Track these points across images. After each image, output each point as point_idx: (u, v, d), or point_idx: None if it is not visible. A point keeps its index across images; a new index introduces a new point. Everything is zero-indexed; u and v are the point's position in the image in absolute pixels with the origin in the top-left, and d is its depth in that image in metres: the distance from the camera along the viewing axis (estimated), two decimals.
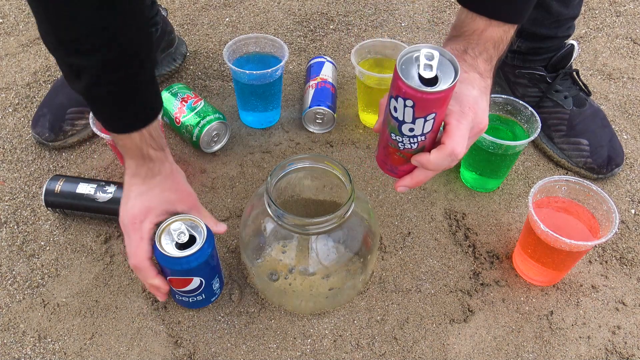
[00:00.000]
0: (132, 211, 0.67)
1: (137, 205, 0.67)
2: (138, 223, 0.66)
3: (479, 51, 0.59)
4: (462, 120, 0.55)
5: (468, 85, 0.58)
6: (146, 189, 0.68)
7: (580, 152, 0.93)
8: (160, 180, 0.68)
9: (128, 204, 0.67)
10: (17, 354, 0.71)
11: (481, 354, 0.71)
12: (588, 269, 0.81)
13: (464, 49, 0.59)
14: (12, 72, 1.12)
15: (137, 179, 0.68)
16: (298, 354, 0.71)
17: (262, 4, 1.32)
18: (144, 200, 0.67)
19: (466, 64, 0.59)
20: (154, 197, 0.68)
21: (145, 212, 0.67)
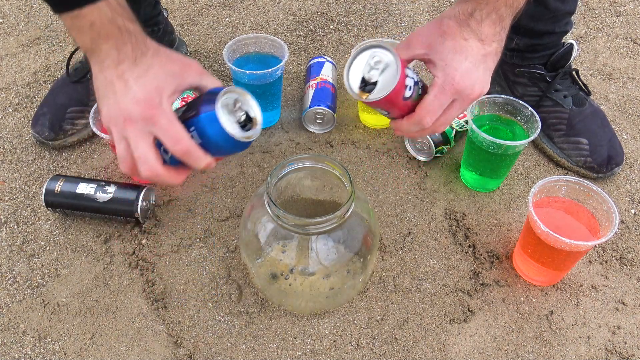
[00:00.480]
0: (140, 97, 0.54)
1: (143, 89, 0.54)
2: (157, 106, 0.54)
3: (487, 12, 0.59)
4: (439, 95, 0.60)
5: (461, 56, 0.59)
6: (143, 70, 0.55)
7: (580, 151, 0.93)
8: (153, 56, 0.56)
9: (129, 93, 0.54)
10: (17, 354, 0.71)
11: (481, 354, 0.71)
12: (588, 269, 0.81)
13: (470, 12, 0.59)
14: (12, 72, 1.12)
15: (125, 63, 0.54)
16: (298, 354, 0.71)
17: (262, 4, 1.32)
18: (147, 81, 0.55)
19: (468, 29, 0.59)
20: (158, 74, 0.55)
21: (157, 93, 0.54)
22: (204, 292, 0.77)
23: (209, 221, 0.86)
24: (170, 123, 0.54)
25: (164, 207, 0.88)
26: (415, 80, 0.61)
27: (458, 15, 0.59)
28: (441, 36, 0.60)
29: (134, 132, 0.54)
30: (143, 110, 0.53)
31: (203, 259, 0.81)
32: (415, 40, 0.62)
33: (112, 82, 0.55)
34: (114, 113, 0.55)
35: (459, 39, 0.59)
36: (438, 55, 0.60)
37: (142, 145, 0.54)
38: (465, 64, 0.59)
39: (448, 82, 0.59)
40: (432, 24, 0.62)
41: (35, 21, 1.26)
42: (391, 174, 0.94)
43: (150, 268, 0.79)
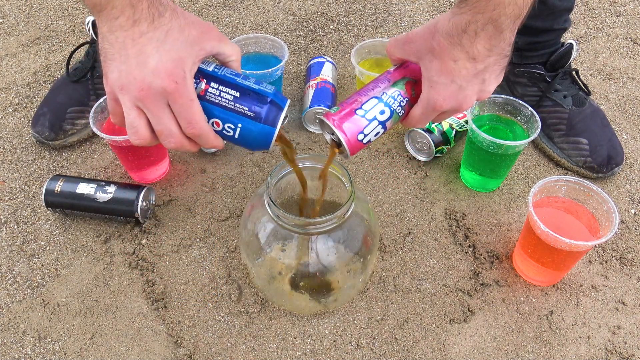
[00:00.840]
0: (162, 68, 0.50)
1: (165, 59, 0.50)
2: (181, 80, 0.50)
3: (483, 24, 0.53)
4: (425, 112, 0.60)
5: (447, 78, 0.56)
6: (162, 35, 0.51)
7: (580, 151, 0.93)
8: (171, 18, 0.52)
9: (148, 62, 0.50)
10: (17, 354, 0.71)
11: (481, 354, 0.71)
12: (588, 269, 0.81)
13: (463, 28, 0.54)
14: (12, 72, 1.12)
15: (142, 24, 0.50)
16: (298, 354, 0.71)
17: (262, 4, 1.32)
18: (168, 49, 0.51)
19: (459, 48, 0.55)
20: (178, 41, 0.51)
21: (179, 64, 0.51)
22: (204, 292, 0.77)
23: (209, 221, 0.86)
24: (190, 103, 0.51)
25: (164, 207, 0.88)
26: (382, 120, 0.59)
27: (450, 31, 0.54)
28: (431, 53, 0.56)
29: (154, 104, 0.51)
30: (165, 83, 0.50)
31: (203, 259, 0.81)
32: (408, 47, 0.59)
33: (125, 45, 0.50)
34: (126, 80, 0.50)
35: (448, 60, 0.55)
36: (425, 71, 0.58)
37: (165, 119, 0.52)
38: (451, 88, 0.57)
39: (432, 102, 0.58)
40: (425, 34, 0.57)
41: (35, 21, 1.26)
42: (391, 174, 0.94)
43: (150, 268, 0.79)
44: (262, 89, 0.55)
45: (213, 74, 0.54)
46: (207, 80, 0.53)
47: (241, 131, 0.54)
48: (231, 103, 0.53)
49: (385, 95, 0.59)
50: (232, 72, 0.55)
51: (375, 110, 0.58)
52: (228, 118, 0.54)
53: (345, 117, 0.58)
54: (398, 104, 0.60)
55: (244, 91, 0.54)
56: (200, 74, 0.53)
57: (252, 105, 0.53)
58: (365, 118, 0.58)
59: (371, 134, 0.59)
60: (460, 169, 0.93)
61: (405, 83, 0.60)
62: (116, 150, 0.86)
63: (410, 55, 0.59)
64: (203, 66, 0.54)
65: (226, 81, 0.54)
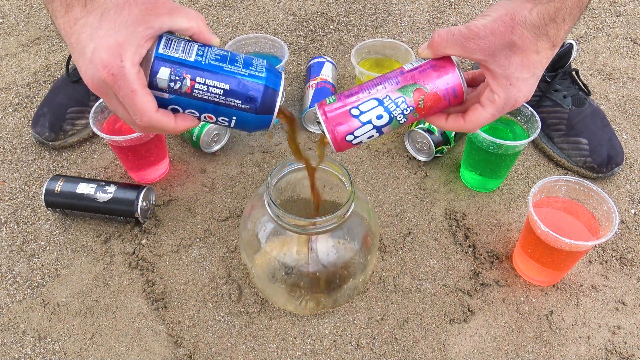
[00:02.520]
0: (97, 58, 0.45)
1: (100, 48, 0.45)
2: (118, 70, 0.46)
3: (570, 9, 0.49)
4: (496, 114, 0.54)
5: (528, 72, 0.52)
6: (96, 19, 0.46)
7: (580, 151, 0.93)
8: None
9: (84, 52, 0.46)
10: (17, 354, 0.71)
11: (481, 354, 0.71)
12: (588, 269, 0.81)
13: (552, 16, 0.49)
14: (12, 72, 1.12)
15: (75, 9, 0.47)
16: (298, 354, 0.71)
17: (262, 4, 1.32)
18: (103, 37, 0.46)
19: (545, 39, 0.50)
20: (115, 25, 0.46)
21: (117, 52, 0.45)
22: (204, 292, 0.77)
23: (209, 221, 0.86)
24: (131, 94, 0.46)
25: (164, 207, 0.88)
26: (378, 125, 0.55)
27: (536, 22, 0.49)
28: (509, 48, 0.50)
29: (103, 95, 0.49)
30: (102, 75, 0.46)
31: (203, 259, 0.81)
32: (473, 44, 0.51)
33: (66, 33, 0.47)
34: (80, 72, 0.48)
35: (531, 53, 0.51)
36: (501, 70, 0.52)
37: (119, 109, 0.49)
38: (531, 81, 0.52)
39: (510, 103, 0.53)
40: (500, 28, 0.50)
41: (35, 21, 1.26)
42: (391, 174, 0.94)
43: (150, 268, 0.79)
44: (253, 73, 0.50)
45: (196, 65, 0.49)
46: (191, 75, 0.49)
47: (237, 122, 0.52)
48: (222, 98, 0.50)
49: (388, 100, 0.54)
50: (217, 56, 0.50)
51: (373, 113, 0.54)
52: (221, 112, 0.51)
53: (338, 114, 0.54)
54: (401, 111, 0.54)
55: (234, 82, 0.50)
56: (183, 68, 0.49)
57: (245, 97, 0.50)
58: (359, 119, 0.54)
59: (363, 136, 0.55)
60: (460, 169, 0.93)
61: (414, 90, 0.54)
62: (116, 150, 0.86)
63: (475, 52, 0.52)
64: (182, 55, 0.49)
65: (212, 72, 0.49)
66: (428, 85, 0.54)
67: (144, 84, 0.47)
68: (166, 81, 0.49)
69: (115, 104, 0.49)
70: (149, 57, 0.48)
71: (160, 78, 0.48)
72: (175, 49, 0.49)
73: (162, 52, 0.48)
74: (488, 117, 0.54)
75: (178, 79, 0.49)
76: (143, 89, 0.47)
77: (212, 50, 0.51)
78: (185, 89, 0.49)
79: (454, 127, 0.57)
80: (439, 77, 0.54)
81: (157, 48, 0.48)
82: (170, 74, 0.48)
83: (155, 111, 0.49)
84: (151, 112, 0.48)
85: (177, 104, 0.50)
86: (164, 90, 0.49)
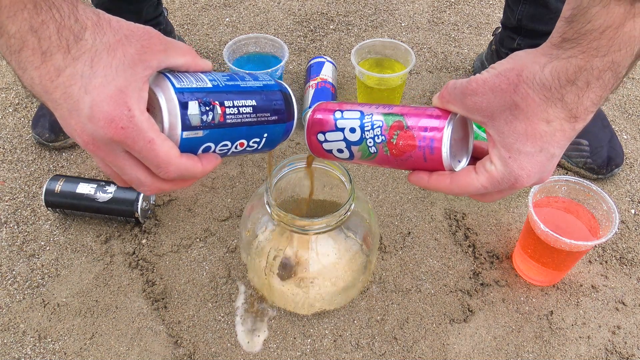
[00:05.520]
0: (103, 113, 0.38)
1: (101, 101, 0.38)
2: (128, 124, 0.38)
3: (599, 72, 0.38)
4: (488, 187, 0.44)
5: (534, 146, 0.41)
6: (87, 66, 0.38)
7: (580, 152, 0.93)
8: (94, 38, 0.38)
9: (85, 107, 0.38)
10: (17, 354, 0.71)
11: (481, 354, 0.71)
12: (588, 269, 0.81)
13: (572, 78, 0.39)
14: (12, 72, 1.12)
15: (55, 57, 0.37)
16: (298, 354, 0.71)
17: (262, 4, 1.32)
18: (102, 86, 0.38)
19: (559, 105, 0.40)
20: (112, 69, 0.38)
21: (122, 101, 0.38)
22: (204, 292, 0.77)
23: (209, 221, 0.86)
24: (149, 145, 0.39)
25: (164, 207, 0.88)
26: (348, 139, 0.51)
27: (547, 83, 0.39)
28: (510, 111, 0.41)
29: (108, 156, 0.41)
30: (109, 132, 0.38)
31: (203, 259, 0.81)
32: (470, 101, 0.43)
33: (45, 88, 0.38)
34: (68, 130, 0.40)
35: (538, 120, 0.40)
36: (501, 137, 0.42)
37: (128, 169, 0.42)
38: (538, 158, 0.42)
39: (508, 181, 0.43)
40: (501, 85, 0.41)
41: None
42: (391, 174, 0.94)
43: (150, 268, 0.79)
44: (266, 83, 0.49)
45: (216, 90, 0.44)
46: (219, 100, 0.43)
47: (267, 139, 0.49)
48: (253, 116, 0.46)
49: (368, 118, 0.49)
50: (227, 78, 0.46)
51: (348, 123, 0.50)
52: (253, 133, 0.47)
53: (325, 108, 0.53)
54: (372, 136, 0.48)
55: (257, 96, 0.46)
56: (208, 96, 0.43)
57: (272, 108, 0.48)
58: (336, 123, 0.51)
59: (332, 145, 0.52)
60: None
61: (395, 120, 0.47)
62: None
63: (473, 112, 0.43)
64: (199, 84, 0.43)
65: (235, 92, 0.45)
66: (409, 122, 0.47)
67: (158, 129, 0.40)
68: (198, 115, 0.42)
69: (122, 162, 0.41)
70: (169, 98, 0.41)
71: (191, 114, 0.42)
72: (187, 81, 0.43)
73: (180, 87, 0.42)
74: (478, 186, 0.44)
75: (208, 109, 0.43)
76: (160, 136, 0.40)
77: (216, 73, 0.46)
78: (217, 117, 0.43)
79: (437, 185, 0.47)
80: (423, 120, 0.46)
81: (171, 84, 0.41)
82: (199, 105, 0.42)
83: (179, 157, 0.42)
84: (176, 158, 0.41)
85: (210, 139, 0.44)
86: (197, 128, 0.42)
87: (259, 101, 0.47)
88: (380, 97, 0.97)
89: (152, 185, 0.43)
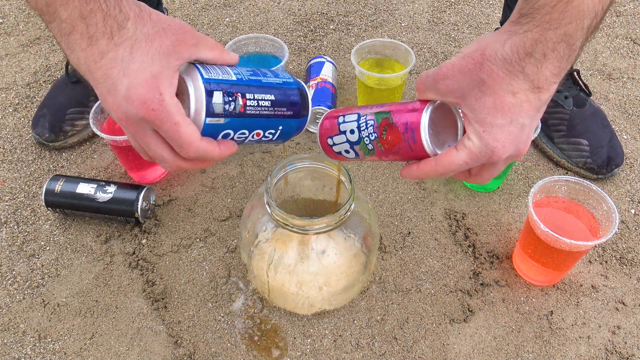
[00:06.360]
0: (138, 95, 0.43)
1: (137, 84, 0.43)
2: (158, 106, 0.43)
3: (554, 43, 0.42)
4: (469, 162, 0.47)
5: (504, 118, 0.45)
6: (127, 51, 0.43)
7: (580, 152, 0.93)
8: (135, 27, 0.44)
9: (122, 89, 0.43)
10: (17, 354, 0.71)
11: (481, 354, 0.71)
12: (588, 269, 0.81)
13: (528, 50, 0.43)
14: (12, 72, 1.12)
15: (100, 42, 0.43)
16: (298, 354, 0.71)
17: (262, 4, 1.32)
18: (138, 71, 0.43)
19: (521, 77, 0.43)
20: (148, 56, 0.44)
21: (155, 86, 0.43)
22: (204, 292, 0.77)
23: (209, 221, 0.86)
24: (175, 127, 0.44)
25: (164, 207, 0.88)
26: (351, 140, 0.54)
27: (508, 57, 0.43)
28: (479, 88, 0.45)
29: (138, 132, 0.46)
30: (141, 112, 0.43)
31: (203, 259, 0.81)
32: (443, 85, 0.47)
33: (89, 68, 0.44)
34: (105, 106, 0.46)
35: (505, 93, 0.44)
36: (473, 114, 0.46)
37: (153, 146, 0.47)
38: (510, 129, 0.45)
39: (485, 153, 0.46)
40: (467, 66, 0.45)
41: (35, 21, 1.26)
42: (391, 174, 0.94)
43: (150, 268, 0.79)
44: (286, 80, 0.52)
45: (239, 82, 0.49)
46: (241, 92, 0.48)
47: (281, 132, 0.53)
48: (270, 109, 0.50)
49: (364, 119, 0.53)
50: (249, 72, 0.50)
51: (348, 126, 0.54)
52: (270, 125, 0.51)
53: (332, 115, 0.57)
54: (367, 134, 0.53)
55: (276, 92, 0.50)
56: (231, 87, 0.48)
57: (289, 103, 0.52)
58: (339, 127, 0.55)
59: (340, 147, 0.56)
60: None
61: (383, 118, 0.51)
62: (116, 150, 0.86)
63: (447, 95, 0.47)
64: (225, 76, 0.48)
65: (257, 86, 0.49)
66: (395, 118, 0.50)
67: (184, 113, 0.45)
68: (221, 104, 0.47)
69: (149, 140, 0.46)
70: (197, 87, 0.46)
71: (215, 103, 0.47)
72: (215, 72, 0.48)
73: (208, 77, 0.47)
74: (460, 163, 0.47)
75: (231, 99, 0.48)
76: (185, 119, 0.45)
77: (239, 68, 0.51)
78: (239, 108, 0.48)
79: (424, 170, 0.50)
80: (405, 114, 0.50)
81: (200, 74, 0.46)
82: (223, 96, 0.47)
83: (200, 140, 0.47)
84: (197, 141, 0.46)
85: (230, 127, 0.49)
86: (220, 115, 0.47)
87: (277, 96, 0.51)
88: (380, 97, 0.97)
89: (173, 163, 0.48)
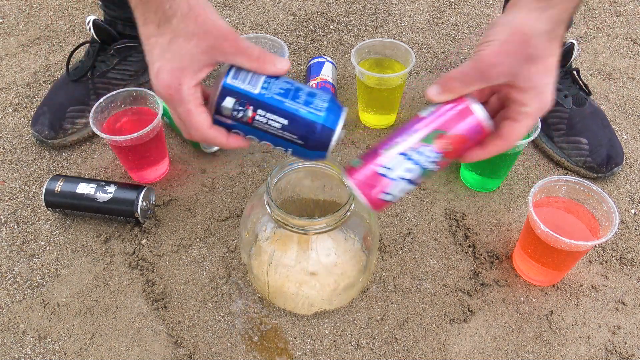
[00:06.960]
0: (162, 79, 0.51)
1: (164, 70, 0.51)
2: (175, 93, 0.52)
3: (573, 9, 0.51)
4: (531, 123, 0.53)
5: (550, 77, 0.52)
6: (166, 41, 0.51)
7: (580, 151, 0.93)
8: (179, 24, 0.50)
9: (154, 69, 0.52)
10: (17, 354, 0.71)
11: (481, 354, 0.71)
12: (588, 269, 0.81)
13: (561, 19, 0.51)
14: (12, 72, 1.12)
15: (150, 26, 0.51)
16: (298, 354, 0.71)
17: (262, 4, 1.32)
18: (169, 60, 0.51)
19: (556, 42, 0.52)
20: (181, 51, 0.51)
21: (177, 75, 0.51)
22: (204, 292, 0.77)
23: (209, 221, 0.86)
24: (187, 113, 0.52)
25: (164, 207, 0.88)
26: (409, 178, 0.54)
27: (549, 29, 0.50)
28: (529, 61, 0.51)
29: (168, 104, 0.54)
30: (163, 91, 0.52)
31: (203, 259, 0.81)
32: (494, 72, 0.51)
33: (143, 42, 0.53)
34: (149, 75, 0.54)
35: (549, 57, 0.51)
36: (528, 82, 0.51)
37: (175, 117, 0.55)
38: (553, 83, 0.53)
39: (543, 110, 0.53)
40: (514, 49, 0.51)
41: (35, 21, 1.26)
42: None
43: (150, 268, 0.79)
44: (312, 111, 0.51)
45: (259, 97, 0.51)
46: (253, 107, 0.51)
47: (293, 152, 0.54)
48: (279, 131, 0.52)
49: (413, 152, 0.53)
50: (281, 90, 0.52)
51: (401, 168, 0.53)
52: (278, 143, 0.53)
53: (367, 176, 0.54)
54: (430, 161, 0.53)
55: (293, 118, 0.51)
56: (247, 99, 0.51)
57: (301, 134, 0.52)
58: (388, 177, 0.53)
59: (396, 191, 0.54)
60: (460, 168, 0.93)
61: (436, 137, 0.52)
62: (116, 150, 0.86)
63: (498, 79, 0.52)
64: (248, 87, 0.51)
65: (273, 106, 0.51)
66: (450, 130, 0.52)
67: (199, 103, 0.52)
68: (230, 110, 0.52)
69: (173, 111, 0.54)
70: (217, 85, 0.52)
71: (224, 106, 0.52)
72: (243, 80, 0.52)
73: (229, 83, 0.52)
74: (524, 130, 0.54)
75: (241, 109, 0.52)
76: (197, 108, 0.52)
77: (279, 82, 0.53)
78: (246, 119, 0.52)
79: (494, 150, 0.55)
80: (459, 120, 0.52)
81: (226, 77, 0.52)
82: (234, 104, 0.52)
83: (208, 128, 0.53)
84: (204, 128, 0.53)
85: (238, 129, 0.53)
86: (227, 117, 0.53)
87: (291, 123, 0.52)
88: (380, 97, 0.97)
89: (187, 136, 0.55)
